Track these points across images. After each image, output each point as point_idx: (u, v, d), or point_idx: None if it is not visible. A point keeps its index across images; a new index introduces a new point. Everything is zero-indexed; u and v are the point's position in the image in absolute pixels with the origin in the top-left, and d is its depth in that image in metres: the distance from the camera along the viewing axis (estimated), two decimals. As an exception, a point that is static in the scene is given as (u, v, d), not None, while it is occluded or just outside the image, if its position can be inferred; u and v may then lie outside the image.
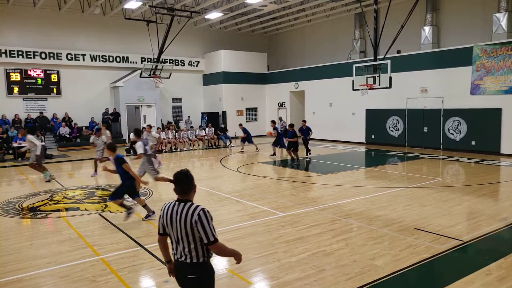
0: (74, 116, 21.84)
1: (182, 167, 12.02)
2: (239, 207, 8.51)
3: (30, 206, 8.79)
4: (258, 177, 12.07)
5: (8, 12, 19.97)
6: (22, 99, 20.90)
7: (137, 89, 23.09)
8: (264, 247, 6.05)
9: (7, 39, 20.20)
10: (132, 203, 7.70)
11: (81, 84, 22.38)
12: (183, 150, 19.89)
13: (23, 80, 20.71)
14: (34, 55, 20.77)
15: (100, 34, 22.79)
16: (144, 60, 23.24)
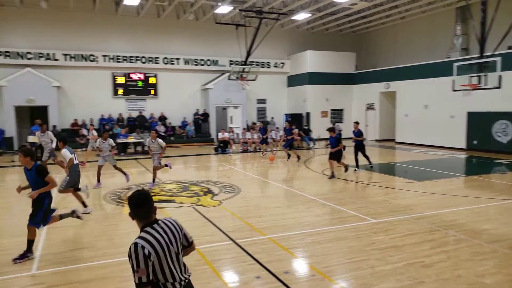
0: (169, 115, 23.45)
1: (266, 167, 12.24)
2: (326, 210, 8.37)
3: (133, 197, 9.62)
4: (345, 180, 11.74)
5: (116, 22, 22.17)
6: (125, 100, 23.05)
7: (225, 91, 24.04)
8: (355, 252, 5.86)
9: (114, 46, 22.42)
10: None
11: (175, 86, 23.95)
12: (267, 151, 20.18)
13: (126, 82, 22.84)
14: (136, 60, 22.77)
15: (192, 39, 24.18)
16: (232, 63, 24.11)
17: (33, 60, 20.63)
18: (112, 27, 22.20)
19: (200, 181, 11.56)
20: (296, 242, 6.39)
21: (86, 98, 21.93)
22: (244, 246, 6.06)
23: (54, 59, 21.11)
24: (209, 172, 14.71)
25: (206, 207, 8.48)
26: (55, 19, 20.82)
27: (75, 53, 21.46)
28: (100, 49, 21.97)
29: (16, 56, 20.35)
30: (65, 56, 21.29)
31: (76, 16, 21.16)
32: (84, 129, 20.71)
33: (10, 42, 20.34)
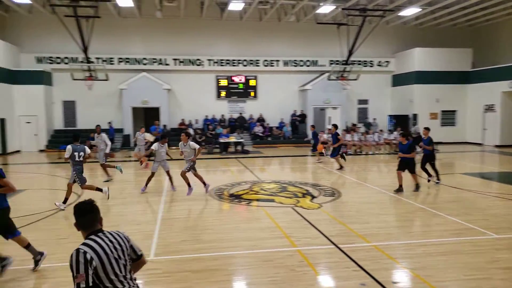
0: (267, 116, 23.98)
1: (367, 171, 11.65)
2: (436, 221, 7.69)
3: (235, 194, 10.05)
4: (458, 189, 10.67)
5: (221, 27, 23.40)
6: (227, 102, 24.21)
7: (324, 92, 23.73)
8: (474, 269, 5.28)
9: (218, 50, 23.70)
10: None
11: (274, 87, 24.39)
12: (369, 153, 19.39)
13: (229, 85, 23.98)
14: (238, 63, 23.76)
15: (292, 40, 24.36)
16: (333, 63, 23.68)
17: (148, 65, 22.85)
18: (216, 32, 23.49)
19: (298, 183, 11.57)
20: (404, 252, 6.00)
21: (192, 100, 23.57)
22: (347, 251, 5.88)
23: (166, 64, 23.11)
24: (306, 173, 14.65)
25: (306, 209, 8.44)
26: (167, 27, 22.77)
27: (184, 57, 23.21)
28: (205, 53, 23.42)
29: (134, 62, 22.76)
30: (175, 61, 23.17)
31: (185, 23, 22.87)
32: (190, 128, 22.27)
33: (129, 50, 22.82)
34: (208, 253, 5.90)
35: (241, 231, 7.01)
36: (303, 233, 6.85)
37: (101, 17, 18.42)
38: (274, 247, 6.15)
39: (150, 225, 7.37)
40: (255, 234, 6.80)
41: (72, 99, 22.47)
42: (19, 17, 21.03)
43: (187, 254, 5.86)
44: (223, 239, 6.59)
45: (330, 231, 6.91)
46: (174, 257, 5.75)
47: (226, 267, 5.48)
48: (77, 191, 9.88)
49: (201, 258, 5.72)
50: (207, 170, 14.95)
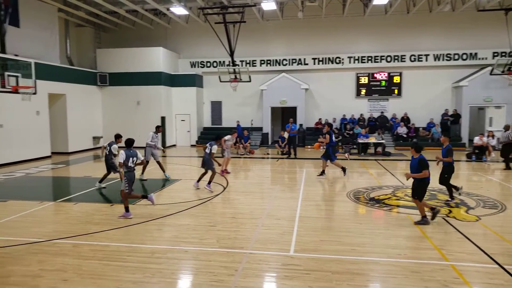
0: (412, 116, 22.24)
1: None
2: None
3: (376, 198, 9.59)
4: None
5: (363, 23, 22.59)
6: (367, 100, 23.28)
7: (484, 89, 20.81)
8: None
9: (360, 47, 22.94)
10: None
11: (421, 84, 22.48)
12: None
13: (369, 82, 23.03)
14: (381, 59, 22.61)
15: (446, 32, 22.02)
16: (497, 55, 20.60)
17: (288, 66, 23.53)
18: (358, 28, 22.77)
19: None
20: None
21: (330, 99, 23.39)
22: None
23: (305, 64, 23.44)
24: (458, 181, 13.03)
25: (460, 221, 7.53)
26: (308, 27, 23.02)
27: (323, 56, 23.17)
28: (346, 51, 22.95)
29: (275, 63, 23.70)
30: (314, 60, 23.32)
31: (326, 22, 22.79)
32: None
33: (270, 52, 23.83)
34: (349, 256, 5.77)
35: (385, 238, 6.65)
36: (457, 246, 6.13)
37: (246, 22, 19.72)
38: (422, 258, 5.66)
39: (289, 221, 7.57)
40: (400, 242, 6.38)
41: (219, 100, 24.70)
42: (178, 27, 23.98)
43: (327, 255, 5.83)
44: (364, 243, 6.35)
45: (491, 248, 6.03)
46: (314, 256, 5.78)
47: (368, 272, 5.28)
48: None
49: (342, 260, 5.63)
50: (352, 171, 14.62)
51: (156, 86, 22.23)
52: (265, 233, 6.86)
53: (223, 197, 9.82)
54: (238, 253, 5.91)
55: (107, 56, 22.53)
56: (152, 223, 7.53)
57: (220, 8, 18.59)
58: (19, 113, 16.08)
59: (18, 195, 10.31)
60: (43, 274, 5.20)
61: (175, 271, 5.40)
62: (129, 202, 8.11)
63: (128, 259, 5.69)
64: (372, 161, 16.54)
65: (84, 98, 21.02)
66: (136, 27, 23.84)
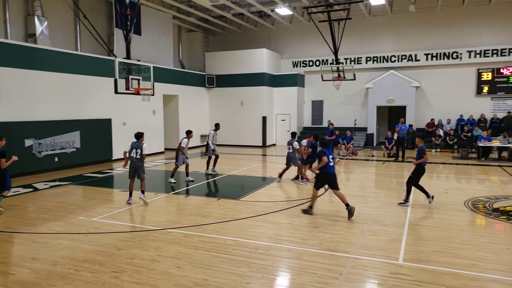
0: (546, 117, 19.18)
1: None
2: None
3: (501, 209, 8.48)
4: None
5: (487, 12, 20.13)
6: (490, 99, 20.74)
7: None
8: None
9: (482, 39, 20.52)
10: None
11: (559, 80, 19.27)
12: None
13: (494, 79, 20.46)
14: (509, 52, 19.91)
15: None
16: None
17: (396, 62, 22.13)
18: (481, 19, 20.37)
19: None
20: None
21: (444, 97, 21.38)
22: None
23: (416, 60, 21.80)
24: None
25: None
26: (420, 20, 21.37)
27: (437, 51, 21.29)
28: (465, 45, 20.74)
29: (382, 60, 22.47)
30: (426, 55, 21.56)
31: (442, 14, 20.91)
32: (440, 129, 20.34)
33: (377, 48, 22.67)
34: (467, 271, 5.19)
35: (511, 254, 5.84)
36: None
37: (352, 19, 19.10)
38: (562, 282, 4.83)
39: (397, 228, 7.12)
40: (531, 262, 5.53)
41: (320, 99, 24.36)
42: (282, 28, 24.26)
43: (441, 267, 5.32)
44: (487, 259, 5.65)
45: None
46: (426, 267, 5.33)
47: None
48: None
49: (459, 274, 5.10)
50: (459, 177, 13.27)
51: (259, 86, 22.88)
52: (371, 239, 6.54)
53: (324, 199, 9.66)
54: (342, 257, 5.74)
55: (214, 59, 23.92)
56: (256, 219, 7.75)
57: (325, 6, 18.35)
58: (139, 112, 17.89)
59: (136, 187, 11.38)
60: (160, 259, 5.70)
61: (279, 269, 5.47)
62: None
63: (234, 253, 5.93)
64: (495, 167, 14.69)
65: (194, 99, 22.63)
66: (242, 30, 24.85)
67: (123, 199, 9.47)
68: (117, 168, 14.76)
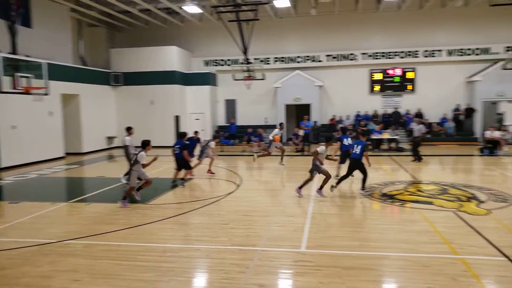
0: (426, 111, 22.05)
1: None
2: None
3: (388, 193, 9.65)
4: None
5: (376, 19, 22.43)
6: (381, 96, 23.18)
7: (497, 83, 20.55)
8: None
9: (373, 43, 22.82)
10: None
11: (435, 80, 22.26)
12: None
13: (383, 79, 22.91)
14: (394, 55, 22.46)
15: (459, 27, 21.75)
16: (509, 50, 20.26)
17: (301, 63, 23.54)
18: (372, 24, 22.64)
19: (462, 185, 10.38)
20: None
21: (344, 95, 23.34)
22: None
23: (318, 61, 23.43)
24: (472, 175, 13.03)
25: (471, 215, 7.56)
26: (322, 24, 22.98)
27: (337, 53, 23.13)
28: (359, 47, 22.87)
29: (289, 61, 23.73)
30: (327, 57, 23.29)
31: (339, 19, 22.72)
32: (340, 124, 22.12)
33: (284, 49, 23.86)
34: (360, 252, 5.87)
35: (396, 233, 6.74)
36: (466, 240, 6.19)
37: (260, 19, 19.82)
38: (432, 252, 5.74)
39: (301, 218, 7.69)
40: (411, 237, 6.45)
41: (233, 98, 24.87)
42: (192, 26, 24.15)
43: (339, 250, 5.94)
44: (376, 239, 6.45)
45: (500, 241, 6.07)
46: (325, 252, 5.89)
47: (379, 267, 5.38)
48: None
49: (353, 255, 5.73)
50: (284, 165, 14.63)
51: (170, 85, 22.53)
52: (278, 230, 6.99)
53: (236, 195, 9.98)
54: (250, 250, 6.04)
55: (121, 55, 22.91)
56: (165, 222, 7.69)
57: (233, 6, 18.71)
58: (31, 114, 16.17)
59: (30, 196, 10.38)
60: (55, 274, 5.26)
61: (187, 270, 5.49)
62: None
63: (140, 259, 5.79)
64: (385, 157, 16.51)
65: (98, 98, 21.35)
66: (150, 26, 24.15)
67: (12, 212, 8.69)
68: (6, 178, 13.31)
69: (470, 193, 9.39)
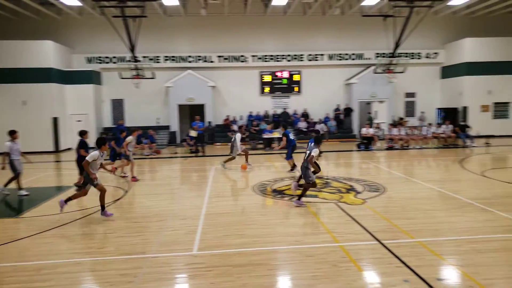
0: (311, 111, 23.75)
1: (414, 166, 11.28)
2: (487, 216, 7.34)
3: (278, 189, 10.11)
4: (511, 184, 10.08)
5: (264, 23, 23.41)
6: (271, 97, 24.26)
7: (370, 85, 23.15)
8: (527, 268, 5.03)
9: (262, 46, 23.76)
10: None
11: (318, 82, 24.08)
12: (415, 147, 18.71)
13: (272, 80, 24.00)
14: (282, 58, 23.71)
15: (337, 34, 23.91)
16: (379, 56, 22.98)
17: (193, 63, 23.36)
18: (260, 28, 23.54)
19: (342, 178, 11.42)
20: (451, 249, 5.82)
21: (237, 96, 23.84)
22: (391, 247, 5.78)
23: (210, 61, 23.53)
24: (351, 169, 14.43)
25: (350, 205, 8.34)
26: (212, 24, 23.13)
27: (228, 54, 23.51)
28: (249, 49, 23.58)
29: (180, 60, 23.36)
30: (219, 58, 23.53)
31: (229, 20, 23.14)
32: (234, 124, 22.58)
33: (175, 48, 23.43)
34: (251, 248, 6.00)
35: (284, 227, 7.06)
36: (346, 228, 6.79)
37: (148, 17, 19.07)
38: (316, 242, 6.16)
39: (194, 220, 7.58)
40: (297, 230, 6.83)
41: (120, 98, 23.46)
42: (71, 19, 22.17)
43: (230, 249, 5.99)
44: (266, 234, 6.67)
45: (373, 226, 6.80)
46: (217, 252, 5.89)
47: (268, 261, 5.55)
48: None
49: (244, 252, 5.83)
50: (251, 165, 15.09)
51: (45, 83, 20.20)
52: (170, 235, 6.77)
53: (125, 202, 9.44)
54: (140, 258, 5.73)
55: (-15, 50, 19.89)
56: (41, 236, 6.86)
57: (118, 1, 17.66)
58: None
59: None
60: None
61: (65, 286, 4.95)
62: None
63: (9, 280, 5.08)
64: (276, 155, 17.33)
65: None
66: (20, 18, 21.46)
67: None
68: None
69: (349, 185, 10.35)
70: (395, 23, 19.72)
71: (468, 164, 13.84)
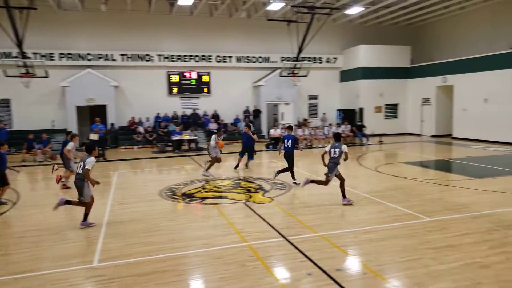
0: (221, 113, 23.84)
1: (317, 164, 11.89)
2: (379, 208, 8.12)
3: (187, 193, 9.92)
4: (399, 178, 11.30)
5: (171, 22, 22.86)
6: (180, 98, 23.77)
7: (276, 88, 24.03)
8: (408, 251, 5.71)
9: (169, 45, 23.17)
10: None
11: (227, 84, 24.27)
12: (318, 146, 19.93)
13: (180, 81, 23.54)
14: (190, 59, 23.39)
15: (244, 36, 24.36)
16: (284, 59, 23.99)
17: (93, 61, 21.81)
18: (166, 27, 22.94)
19: (252, 178, 11.65)
20: (349, 240, 6.29)
21: (142, 97, 22.85)
22: (296, 243, 6.04)
23: (112, 60, 22.21)
24: (260, 169, 14.78)
25: (258, 204, 8.53)
26: (114, 21, 21.87)
27: (132, 53, 22.45)
28: (155, 49, 22.82)
29: (78, 58, 21.62)
30: (122, 56, 22.33)
31: (133, 18, 22.11)
32: (140, 126, 21.65)
33: (72, 45, 21.61)
34: (157, 255, 5.78)
35: (193, 230, 6.95)
36: (253, 227, 6.92)
37: (38, 9, 17.32)
38: (225, 244, 6.16)
39: (95, 230, 7.06)
40: (207, 232, 6.77)
41: (6, 98, 20.85)
42: None
43: (135, 258, 5.70)
44: (174, 239, 6.49)
45: (279, 224, 7.05)
46: (120, 262, 5.55)
47: (176, 267, 5.40)
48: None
49: (150, 260, 5.60)
50: (160, 169, 14.62)
51: None
52: (67, 248, 6.20)
53: (11, 215, 8.42)
54: (30, 277, 5.14)
55: None
56: None
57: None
58: None
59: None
60: None
61: None
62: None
63: None
64: (186, 157, 17.02)
65: None
66: None
67: None
68: None
69: (257, 185, 10.60)
70: (298, 28, 20.80)
71: (364, 161, 15.16)
